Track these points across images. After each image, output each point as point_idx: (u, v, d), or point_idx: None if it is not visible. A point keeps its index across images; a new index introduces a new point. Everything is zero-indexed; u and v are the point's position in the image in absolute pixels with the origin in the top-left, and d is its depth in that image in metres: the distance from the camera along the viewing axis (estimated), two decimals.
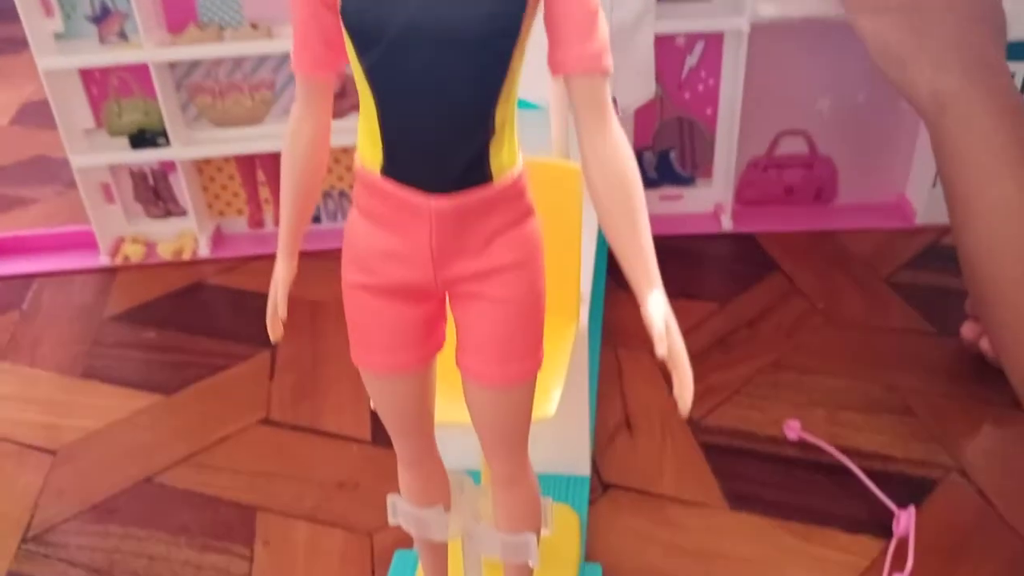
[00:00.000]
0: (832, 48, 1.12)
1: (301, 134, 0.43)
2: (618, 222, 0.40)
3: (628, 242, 0.40)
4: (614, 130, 0.40)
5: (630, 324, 1.00)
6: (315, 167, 0.45)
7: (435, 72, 0.37)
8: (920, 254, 1.11)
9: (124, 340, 1.03)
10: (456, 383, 0.49)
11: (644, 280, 0.40)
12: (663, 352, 0.39)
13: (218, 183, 1.18)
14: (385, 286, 0.44)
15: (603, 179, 0.39)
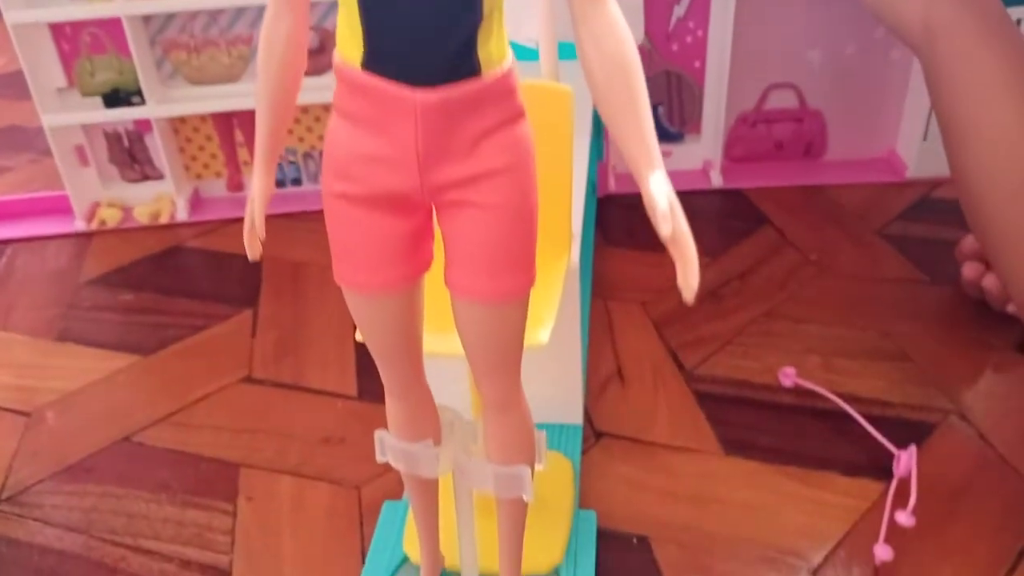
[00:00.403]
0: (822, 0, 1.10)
1: (277, 33, 0.41)
2: (616, 102, 0.37)
3: (627, 124, 0.38)
4: (610, 9, 0.37)
5: (620, 278, 0.98)
6: (293, 70, 0.42)
7: None
8: (912, 207, 1.10)
9: (100, 303, 1.00)
10: (444, 313, 0.47)
11: (645, 161, 0.38)
12: (667, 231, 0.37)
13: (195, 144, 1.15)
14: (368, 195, 0.41)
15: (600, 59, 0.37)
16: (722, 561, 0.65)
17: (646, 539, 0.67)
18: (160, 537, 0.70)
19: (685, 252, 0.38)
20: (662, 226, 0.36)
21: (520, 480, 0.50)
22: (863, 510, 0.68)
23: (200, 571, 0.67)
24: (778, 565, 0.64)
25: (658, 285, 0.96)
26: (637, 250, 1.03)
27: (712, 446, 0.75)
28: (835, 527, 0.67)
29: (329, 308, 0.96)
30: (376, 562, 0.64)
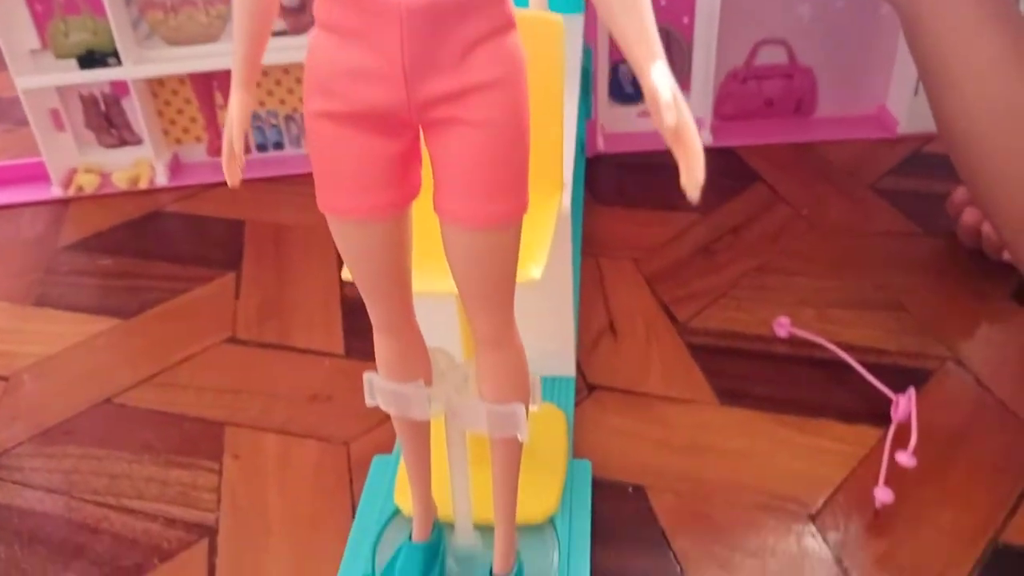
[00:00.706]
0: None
1: None
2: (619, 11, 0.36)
3: (625, 14, 0.36)
4: None
5: (611, 235, 0.96)
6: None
7: None
8: (903, 162, 1.09)
9: (78, 268, 0.98)
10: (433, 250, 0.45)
11: (644, 52, 0.36)
12: (672, 121, 0.35)
13: (174, 108, 1.12)
14: (352, 112, 0.39)
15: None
16: (720, 508, 0.64)
17: (642, 488, 0.65)
18: (144, 496, 0.68)
19: (689, 144, 0.36)
20: (666, 116, 0.35)
21: (514, 418, 0.48)
22: (861, 456, 0.67)
23: (185, 529, 0.65)
24: (777, 511, 0.63)
25: (649, 242, 0.95)
26: (628, 208, 1.02)
27: (707, 396, 0.74)
28: (833, 472, 0.66)
29: (314, 270, 0.94)
30: (367, 515, 0.62)
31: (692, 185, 0.36)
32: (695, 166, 0.36)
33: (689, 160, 0.36)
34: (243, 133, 0.44)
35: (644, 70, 0.36)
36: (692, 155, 0.36)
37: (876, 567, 0.59)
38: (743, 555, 0.60)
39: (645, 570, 0.59)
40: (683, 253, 0.93)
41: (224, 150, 0.44)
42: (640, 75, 0.36)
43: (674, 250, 0.94)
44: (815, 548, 0.60)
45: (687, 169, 0.36)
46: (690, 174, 0.36)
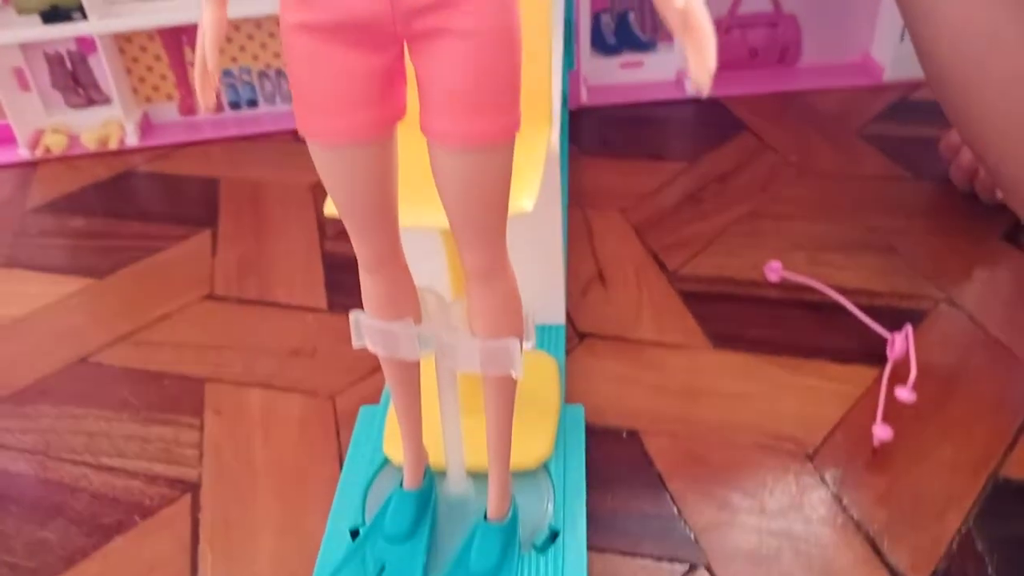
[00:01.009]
0: None
1: None
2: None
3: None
4: None
5: (597, 186, 0.94)
6: None
7: None
8: (890, 108, 1.08)
9: (48, 229, 0.95)
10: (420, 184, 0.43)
11: None
12: (681, 3, 0.33)
13: (143, 64, 1.09)
14: (332, 22, 0.37)
15: None
16: (716, 449, 0.62)
17: (636, 432, 0.64)
18: (124, 454, 0.66)
19: (698, 26, 0.34)
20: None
21: (508, 354, 0.46)
22: (858, 395, 0.66)
23: (168, 485, 0.63)
24: (774, 451, 0.62)
25: (636, 192, 0.93)
26: (613, 159, 1.00)
27: (700, 341, 0.72)
28: (831, 411, 0.65)
29: (293, 226, 0.92)
30: (355, 466, 0.60)
31: (704, 72, 0.34)
32: (707, 53, 0.34)
33: (699, 43, 0.34)
34: (216, 49, 0.41)
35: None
36: (702, 37, 0.34)
37: (876, 504, 0.58)
38: (741, 495, 0.59)
39: (642, 513, 0.58)
40: (671, 202, 0.91)
41: (196, 66, 0.42)
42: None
43: (661, 199, 0.92)
44: (814, 486, 0.59)
45: (697, 53, 0.34)
46: (701, 58, 0.34)
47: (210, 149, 1.07)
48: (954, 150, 0.88)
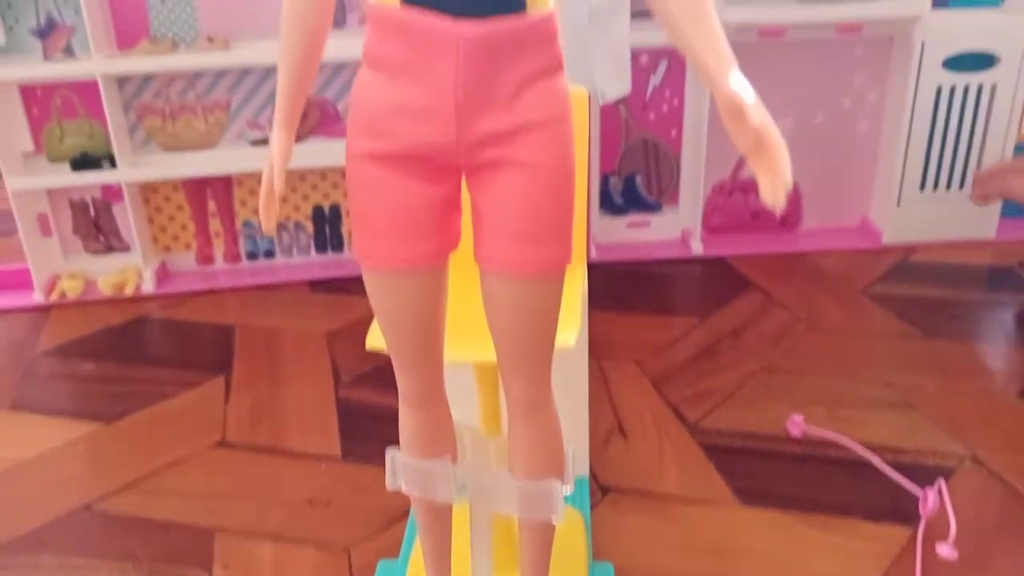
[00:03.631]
0: (791, 68, 1.13)
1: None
2: (684, 11, 0.36)
3: (697, 30, 0.36)
4: None
5: (611, 339, 0.95)
6: (320, 20, 0.40)
7: None
8: (892, 269, 1.10)
9: (58, 373, 0.94)
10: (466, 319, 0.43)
11: (717, 64, 0.36)
12: (758, 120, 0.34)
13: (165, 214, 1.11)
14: (399, 152, 0.38)
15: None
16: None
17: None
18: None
19: (774, 148, 0.35)
20: (752, 115, 0.34)
21: (549, 497, 0.45)
22: (894, 555, 0.64)
23: None
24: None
25: (650, 345, 0.94)
26: (625, 313, 1.01)
27: (727, 496, 0.71)
28: (868, 573, 0.62)
29: (307, 373, 0.91)
30: None
31: (780, 190, 0.35)
32: (781, 166, 0.35)
33: (774, 160, 0.35)
34: (283, 174, 0.42)
35: (719, 79, 0.36)
36: (777, 155, 0.35)
37: None
38: None
39: None
40: (686, 355, 0.92)
41: (262, 193, 0.43)
42: (715, 85, 0.36)
43: (676, 352, 0.92)
44: None
45: (772, 171, 0.35)
46: (776, 176, 0.35)
47: (226, 298, 1.07)
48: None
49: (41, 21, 0.99)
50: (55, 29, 0.99)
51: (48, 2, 0.99)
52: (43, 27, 0.99)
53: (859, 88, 1.15)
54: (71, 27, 0.99)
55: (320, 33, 0.40)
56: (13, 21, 0.99)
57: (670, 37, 0.36)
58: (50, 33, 0.99)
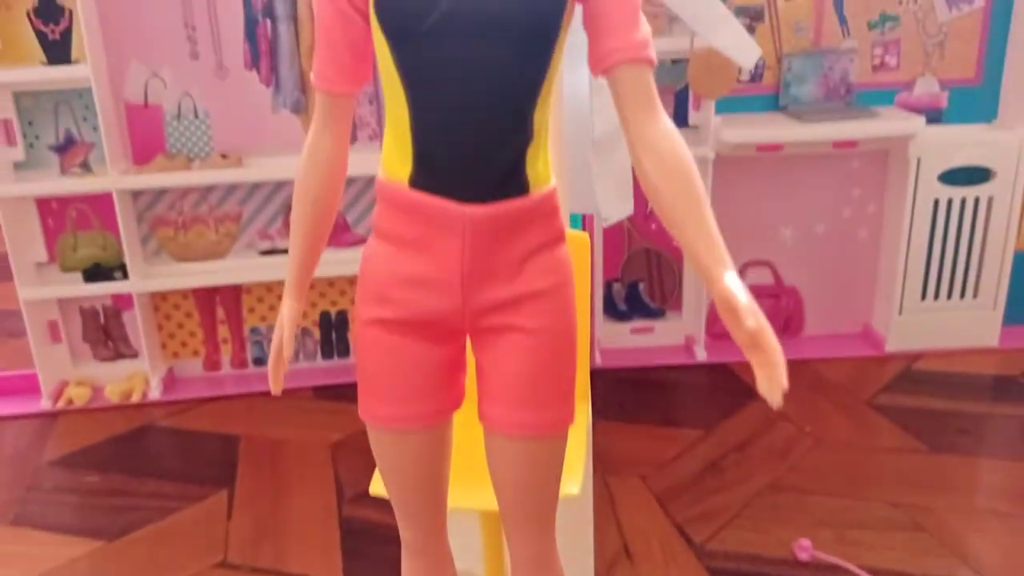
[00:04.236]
0: (790, 179, 1.16)
1: (320, 150, 0.41)
2: (681, 206, 0.37)
3: (694, 226, 0.37)
4: (664, 117, 0.38)
5: (616, 451, 0.95)
6: (332, 189, 0.42)
7: (476, 64, 0.35)
8: (896, 378, 1.10)
9: (62, 485, 0.93)
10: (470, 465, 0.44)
11: (714, 262, 0.37)
12: (754, 324, 0.35)
13: (174, 321, 1.13)
14: (407, 319, 0.39)
15: (660, 165, 0.37)
16: None
17: None
18: None
19: (769, 349, 0.36)
20: (747, 320, 0.35)
21: None
22: None
23: None
24: None
25: (656, 458, 0.93)
26: (630, 423, 1.01)
27: None
28: None
29: (311, 486, 0.91)
30: None
31: (775, 391, 0.35)
32: (778, 372, 0.36)
33: (771, 366, 0.36)
34: (293, 340, 0.44)
35: (715, 277, 0.37)
36: (773, 360, 0.36)
37: None
38: None
39: None
40: (692, 470, 0.91)
41: (272, 356, 0.44)
42: (711, 282, 0.37)
43: (682, 467, 0.92)
44: None
45: (768, 376, 0.36)
46: (772, 381, 0.36)
47: (232, 405, 1.08)
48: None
49: (60, 137, 1.03)
50: (73, 145, 1.02)
51: (68, 119, 1.03)
52: (62, 143, 1.03)
53: (858, 199, 1.18)
54: (89, 143, 1.03)
55: (329, 206, 0.42)
56: (33, 138, 1.03)
57: (666, 226, 0.38)
58: (68, 149, 1.02)
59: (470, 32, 0.35)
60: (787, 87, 1.11)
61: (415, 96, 0.36)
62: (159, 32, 1.02)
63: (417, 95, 0.36)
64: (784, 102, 1.11)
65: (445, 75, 0.35)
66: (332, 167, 0.41)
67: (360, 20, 0.37)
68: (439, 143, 0.36)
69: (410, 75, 0.36)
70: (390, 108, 0.38)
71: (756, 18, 1.08)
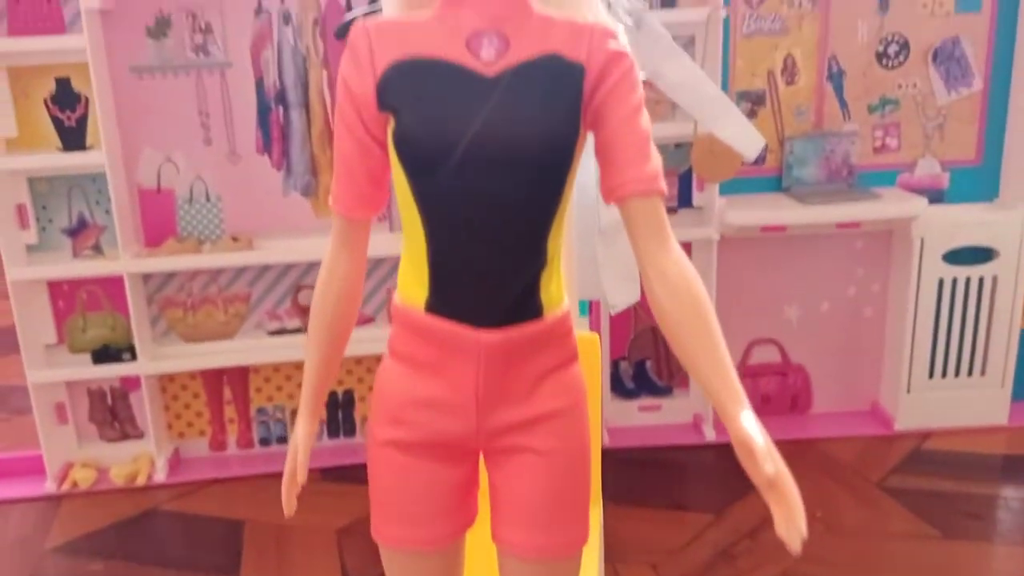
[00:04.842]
0: (794, 258, 1.17)
1: (335, 274, 0.41)
2: (694, 341, 0.37)
3: (707, 361, 0.37)
4: (676, 248, 0.39)
5: (626, 537, 0.94)
6: (347, 313, 0.42)
7: (493, 195, 0.36)
8: (906, 459, 1.10)
9: (65, 573, 0.92)
10: None
11: (730, 400, 0.37)
12: (772, 470, 0.35)
13: (181, 402, 1.12)
14: (420, 441, 0.39)
15: (673, 298, 0.38)
16: None
17: None
18: None
19: (788, 495, 0.36)
20: (765, 465, 0.35)
21: None
22: None
23: None
24: None
25: (666, 545, 0.92)
26: (639, 507, 1.00)
27: None
28: None
29: (316, 572, 0.89)
30: None
31: (794, 537, 0.35)
32: (796, 516, 0.36)
33: (790, 511, 0.36)
34: (307, 460, 0.44)
35: (731, 415, 0.37)
36: (792, 505, 0.36)
37: None
38: None
39: None
40: (703, 558, 0.90)
41: (285, 476, 0.44)
42: (727, 419, 0.37)
43: (693, 554, 0.91)
44: None
45: (786, 520, 0.36)
46: (791, 525, 0.36)
47: (237, 487, 1.07)
48: None
49: (73, 220, 1.04)
50: (86, 228, 1.04)
51: (81, 203, 1.04)
52: (75, 226, 1.04)
53: (862, 278, 1.18)
54: (101, 226, 1.04)
55: (344, 328, 0.42)
56: (47, 221, 1.04)
57: (678, 356, 0.38)
58: (80, 232, 1.04)
59: (488, 166, 0.36)
60: (790, 169, 1.12)
61: (432, 224, 0.37)
62: (173, 118, 1.04)
63: (434, 223, 0.37)
64: (787, 183, 1.13)
65: (462, 205, 0.36)
66: (348, 289, 0.41)
67: (378, 150, 0.38)
68: (455, 270, 0.37)
69: (427, 204, 0.37)
70: (407, 231, 0.38)
71: (758, 102, 1.11)
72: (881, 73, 1.11)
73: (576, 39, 0.37)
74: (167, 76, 1.03)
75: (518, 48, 0.37)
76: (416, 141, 0.36)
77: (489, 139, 0.35)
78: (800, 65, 1.10)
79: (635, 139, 0.37)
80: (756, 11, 1.07)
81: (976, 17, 1.09)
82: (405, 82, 0.37)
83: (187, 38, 1.02)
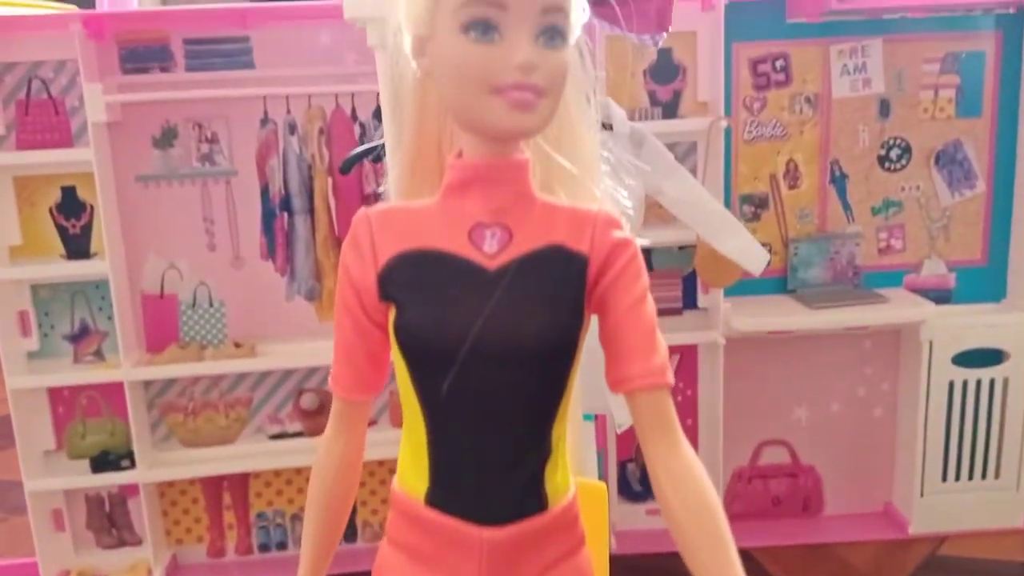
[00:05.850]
0: (801, 359, 1.15)
1: (332, 455, 0.41)
2: (702, 547, 0.36)
3: (716, 566, 0.36)
4: (684, 445, 0.38)
5: None
6: (342, 497, 0.41)
7: (496, 390, 0.36)
8: (922, 566, 1.07)
9: None
10: None
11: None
12: None
13: (180, 507, 1.11)
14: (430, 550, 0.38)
15: (681, 501, 0.36)
16: None
17: None
18: None
19: None
20: None
21: None
22: None
23: None
24: None
25: None
26: None
27: None
28: None
29: None
30: None
31: None
32: None
33: None
34: None
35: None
36: None
37: None
38: None
39: None
40: None
41: None
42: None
43: None
44: None
45: None
46: None
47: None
48: None
49: (75, 327, 1.04)
50: (87, 334, 1.04)
51: (83, 309, 1.04)
52: (76, 332, 1.04)
53: (871, 378, 1.17)
54: (103, 332, 1.04)
55: (339, 511, 0.41)
56: (48, 328, 1.04)
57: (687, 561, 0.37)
58: (83, 338, 1.03)
59: (491, 362, 0.35)
60: (794, 271, 1.12)
61: (434, 417, 0.36)
62: (178, 225, 1.05)
63: (436, 416, 0.36)
64: (792, 285, 1.12)
65: (465, 400, 0.35)
66: (344, 473, 0.41)
67: (379, 333, 0.38)
68: (457, 463, 0.36)
69: (429, 397, 0.36)
70: (407, 419, 0.38)
71: (761, 205, 1.11)
72: (884, 176, 1.11)
73: (579, 229, 0.37)
74: (172, 184, 1.03)
75: (520, 239, 0.37)
76: (419, 338, 0.36)
77: (493, 336, 0.35)
78: (802, 169, 1.10)
79: (641, 329, 0.37)
80: (757, 118, 1.08)
81: (977, 122, 1.10)
82: (407, 275, 0.36)
83: (193, 147, 1.03)
